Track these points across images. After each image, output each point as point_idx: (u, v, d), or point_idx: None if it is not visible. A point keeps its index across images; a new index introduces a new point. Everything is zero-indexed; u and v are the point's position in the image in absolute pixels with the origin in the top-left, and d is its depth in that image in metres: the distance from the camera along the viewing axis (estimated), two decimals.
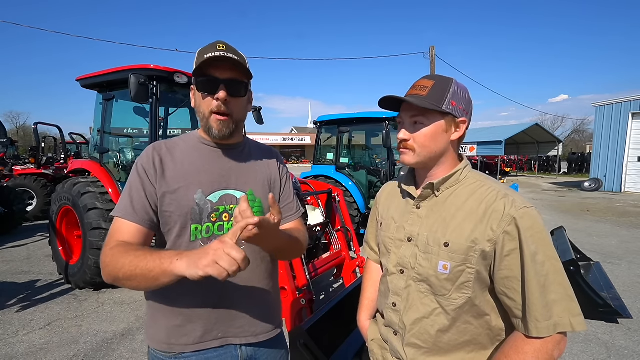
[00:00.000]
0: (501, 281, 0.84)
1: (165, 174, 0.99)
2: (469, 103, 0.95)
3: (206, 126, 1.01)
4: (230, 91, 0.97)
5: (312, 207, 4.00)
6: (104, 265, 0.90)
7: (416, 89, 0.93)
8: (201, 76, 0.97)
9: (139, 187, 0.97)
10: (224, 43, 0.98)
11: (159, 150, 1.03)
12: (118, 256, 0.87)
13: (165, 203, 0.98)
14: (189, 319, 0.99)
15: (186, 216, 0.98)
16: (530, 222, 0.82)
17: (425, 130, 0.92)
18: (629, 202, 11.42)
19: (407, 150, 0.96)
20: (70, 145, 11.43)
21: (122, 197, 0.99)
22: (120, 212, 0.96)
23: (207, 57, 0.94)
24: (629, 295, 3.86)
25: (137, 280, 0.84)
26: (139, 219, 0.95)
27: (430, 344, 0.93)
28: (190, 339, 0.99)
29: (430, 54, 15.09)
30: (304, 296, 2.79)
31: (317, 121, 7.19)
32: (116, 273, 0.87)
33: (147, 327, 1.06)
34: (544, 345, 0.79)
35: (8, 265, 5.08)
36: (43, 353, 2.82)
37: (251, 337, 1.07)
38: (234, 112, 1.01)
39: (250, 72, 1.02)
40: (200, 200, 0.99)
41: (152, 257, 0.83)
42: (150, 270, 0.82)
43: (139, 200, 0.96)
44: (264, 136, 43.20)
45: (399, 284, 0.99)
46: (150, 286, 0.85)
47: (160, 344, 1.01)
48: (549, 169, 28.30)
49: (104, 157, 4.26)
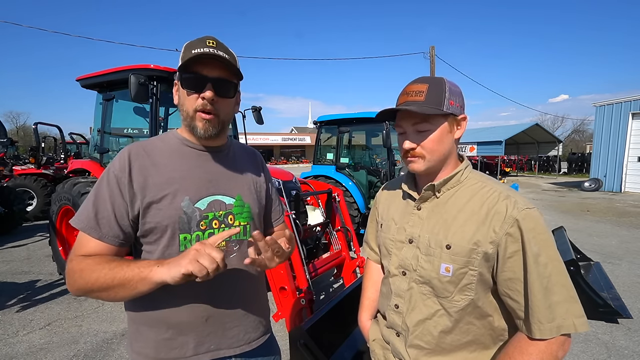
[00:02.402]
0: (504, 283, 0.84)
1: (148, 181, 0.90)
2: (462, 98, 0.95)
3: (190, 125, 0.94)
4: (217, 91, 0.91)
5: (312, 207, 4.00)
6: (72, 280, 0.84)
7: (411, 95, 0.90)
8: (187, 73, 0.90)
9: (107, 199, 0.88)
10: (213, 39, 0.92)
11: (136, 155, 0.93)
12: (91, 269, 0.83)
13: (150, 213, 0.90)
14: (180, 331, 0.93)
15: (174, 226, 0.91)
16: (532, 223, 0.81)
17: (432, 136, 0.90)
18: (629, 202, 11.41)
19: (415, 159, 0.92)
20: (70, 145, 11.42)
21: (85, 205, 0.89)
22: (80, 223, 0.88)
23: (195, 54, 0.88)
24: (629, 295, 3.86)
25: (113, 291, 0.82)
26: (101, 235, 0.87)
27: (433, 345, 0.92)
28: (181, 352, 0.93)
29: (430, 54, 15.08)
30: (304, 296, 2.78)
31: (317, 121, 7.18)
32: (89, 286, 0.83)
33: (131, 340, 0.98)
34: (548, 347, 0.78)
35: (8, 265, 5.08)
36: (43, 353, 2.82)
37: (245, 346, 1.03)
38: (220, 113, 0.95)
39: (240, 73, 0.97)
40: (187, 208, 0.92)
41: (130, 267, 0.82)
42: (129, 280, 0.80)
43: (104, 213, 0.88)
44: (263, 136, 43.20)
45: (401, 285, 0.98)
46: (127, 296, 0.83)
47: (148, 358, 0.94)
48: (549, 169, 28.28)
49: (104, 157, 4.25)
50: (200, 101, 0.91)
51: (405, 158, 0.96)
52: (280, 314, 2.79)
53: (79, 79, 4.33)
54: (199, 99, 0.91)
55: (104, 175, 0.91)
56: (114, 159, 0.94)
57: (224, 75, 0.93)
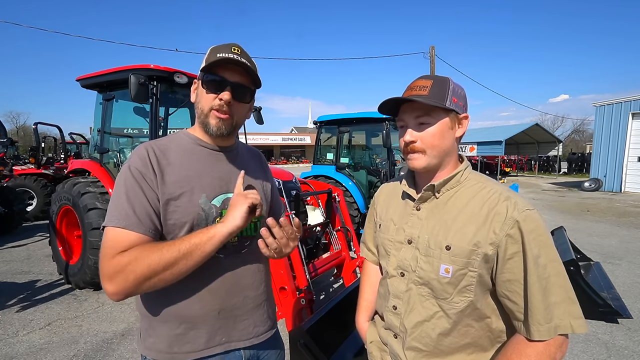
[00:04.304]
0: (503, 284, 0.84)
1: (165, 178, 0.93)
2: (466, 100, 0.95)
3: (204, 122, 0.98)
4: (235, 94, 0.96)
5: (312, 207, 4.00)
6: (125, 273, 0.81)
7: (415, 90, 0.91)
8: (210, 74, 0.96)
9: (139, 192, 0.89)
10: (238, 46, 0.97)
11: (153, 153, 0.95)
12: (146, 253, 0.83)
13: (169, 210, 0.92)
14: (192, 326, 0.96)
15: (192, 222, 0.94)
16: (532, 224, 0.81)
17: (432, 129, 0.90)
18: (629, 202, 11.42)
19: (416, 154, 0.92)
20: (70, 145, 11.43)
21: (118, 204, 0.88)
22: (122, 221, 0.86)
23: (220, 57, 0.93)
24: (629, 295, 3.86)
25: (180, 263, 0.84)
26: (145, 229, 0.87)
27: (431, 347, 0.92)
28: (194, 346, 0.96)
29: (430, 54, 15.09)
30: (304, 296, 2.78)
31: (317, 121, 7.19)
32: (152, 268, 0.81)
33: (143, 337, 1.00)
34: (546, 348, 0.78)
35: (8, 265, 5.08)
36: (43, 353, 2.82)
37: (254, 339, 1.06)
38: (235, 115, 1.00)
39: (259, 81, 1.02)
40: (205, 204, 0.96)
41: (188, 237, 0.87)
42: (196, 245, 0.85)
43: (142, 207, 0.88)
44: (264, 136, 43.21)
45: (400, 286, 0.98)
46: (192, 266, 0.86)
47: (161, 353, 0.96)
48: (549, 169, 28.30)
49: (104, 157, 4.25)
50: (218, 101, 0.95)
51: (405, 154, 0.96)
52: (280, 313, 2.79)
53: (79, 79, 4.34)
54: (216, 99, 0.96)
55: (127, 173, 0.91)
56: (131, 157, 0.94)
57: (244, 81, 0.98)
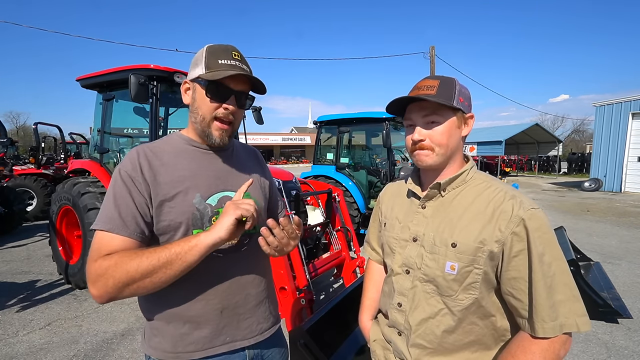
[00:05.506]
0: (508, 282, 0.85)
1: (159, 179, 0.93)
2: (471, 100, 0.97)
3: (205, 130, 0.98)
4: (239, 103, 0.98)
5: (312, 207, 4.00)
6: (105, 278, 0.82)
7: (423, 89, 0.92)
8: (214, 82, 0.94)
9: (126, 196, 0.89)
10: (237, 50, 0.98)
11: (145, 155, 0.95)
12: (126, 259, 0.82)
13: (164, 211, 0.92)
14: (196, 325, 0.96)
15: (187, 222, 0.94)
16: (538, 223, 0.82)
17: (441, 127, 0.91)
18: (629, 202, 11.42)
19: (424, 151, 0.93)
20: (70, 145, 11.43)
21: (105, 207, 0.90)
22: (106, 224, 0.87)
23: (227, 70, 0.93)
24: (629, 295, 3.86)
25: (160, 272, 0.81)
26: (130, 232, 0.87)
27: (436, 345, 0.92)
28: (198, 345, 0.97)
29: (430, 54, 15.10)
30: (304, 296, 2.79)
31: (317, 121, 7.19)
32: (130, 275, 0.81)
33: (148, 337, 1.00)
34: (550, 345, 0.79)
35: (8, 265, 5.08)
36: (43, 353, 2.82)
37: (259, 336, 1.07)
38: (235, 122, 1.01)
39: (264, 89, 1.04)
40: (199, 204, 0.96)
41: (171, 245, 0.84)
42: (177, 254, 0.82)
43: (128, 210, 0.88)
44: (264, 136, 43.21)
45: (405, 284, 0.98)
46: (173, 275, 0.83)
47: (165, 353, 0.96)
48: (549, 169, 28.30)
49: (104, 157, 4.25)
50: (223, 110, 0.96)
51: (412, 152, 0.96)
52: (280, 313, 2.78)
53: (79, 79, 4.34)
54: (221, 108, 0.96)
55: (116, 177, 0.92)
56: (123, 160, 0.95)
57: (246, 89, 1.00)
